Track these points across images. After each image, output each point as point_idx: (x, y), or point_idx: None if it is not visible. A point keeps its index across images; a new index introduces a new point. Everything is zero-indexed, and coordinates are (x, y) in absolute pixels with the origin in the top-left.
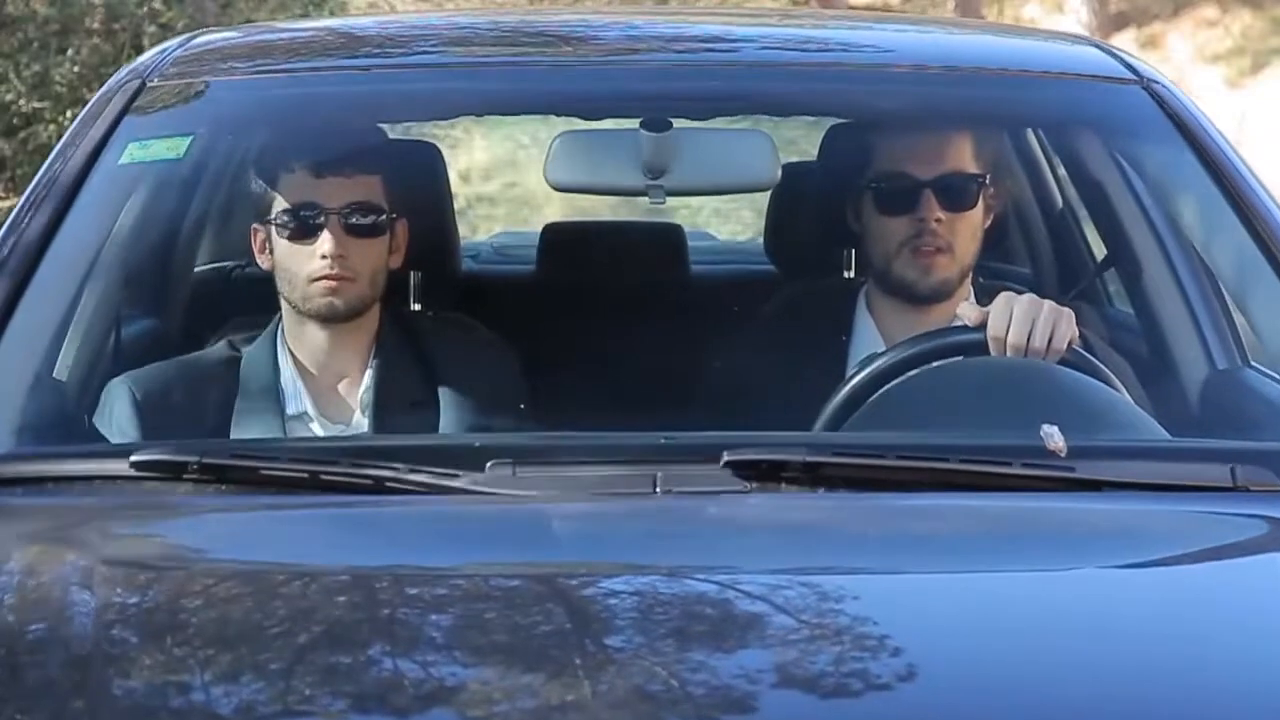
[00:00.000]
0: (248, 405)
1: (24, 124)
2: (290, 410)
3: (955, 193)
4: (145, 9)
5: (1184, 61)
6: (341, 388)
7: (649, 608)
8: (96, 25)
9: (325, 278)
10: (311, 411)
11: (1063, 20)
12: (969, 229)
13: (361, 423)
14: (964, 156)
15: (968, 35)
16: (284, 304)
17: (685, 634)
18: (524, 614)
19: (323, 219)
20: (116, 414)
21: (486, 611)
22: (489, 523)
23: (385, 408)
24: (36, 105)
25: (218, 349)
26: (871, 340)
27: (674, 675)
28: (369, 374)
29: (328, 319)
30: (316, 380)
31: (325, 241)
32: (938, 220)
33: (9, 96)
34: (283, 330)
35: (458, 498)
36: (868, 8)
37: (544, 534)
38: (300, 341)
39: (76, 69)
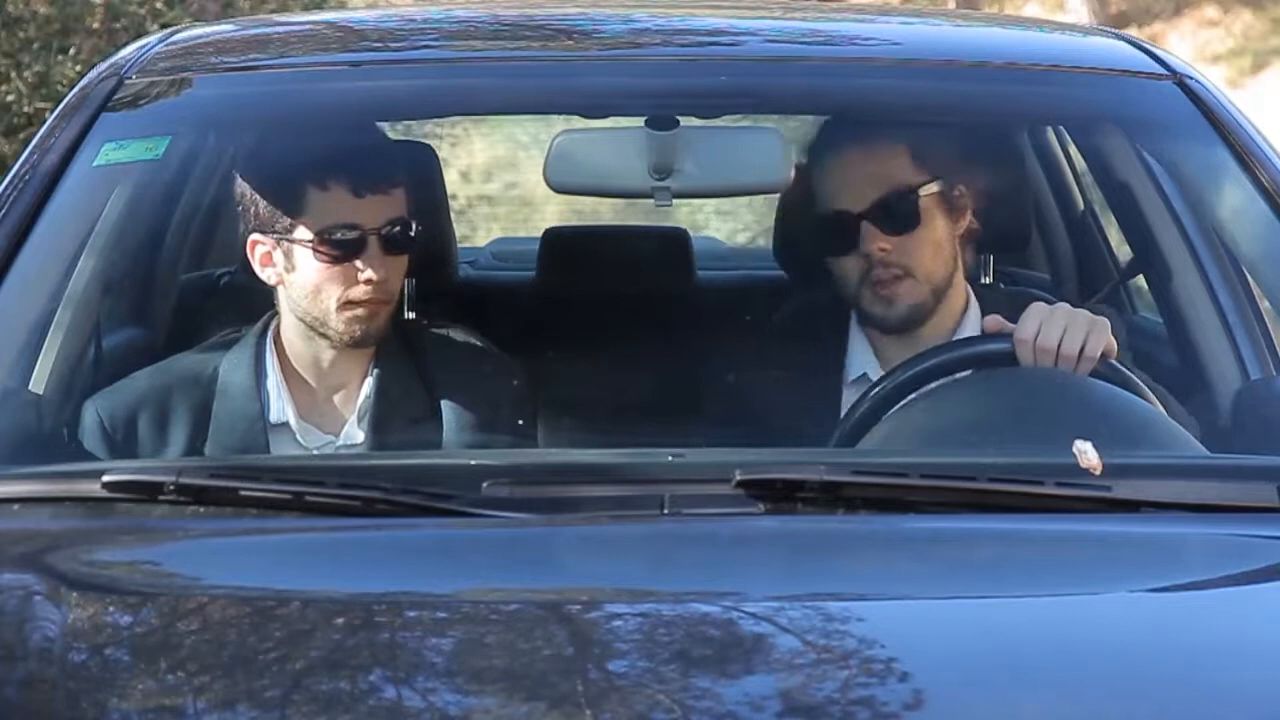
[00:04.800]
0: (226, 413)
1: (25, 124)
2: (273, 418)
3: (895, 214)
4: (147, 8)
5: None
6: (337, 398)
7: (655, 638)
8: (97, 25)
9: (365, 303)
10: (294, 421)
11: (1063, 20)
12: (927, 244)
13: (354, 434)
14: (900, 171)
15: (987, 28)
16: (290, 318)
17: (693, 667)
18: (522, 642)
19: (363, 239)
20: (91, 430)
21: (480, 641)
22: (485, 547)
23: (384, 421)
24: (39, 105)
25: (194, 355)
26: (866, 360)
27: (680, 706)
28: (368, 384)
29: (352, 343)
30: (309, 389)
31: (368, 266)
32: (883, 249)
33: (10, 97)
34: (273, 335)
35: (452, 520)
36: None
37: (543, 558)
38: (300, 352)
39: (78, 69)
